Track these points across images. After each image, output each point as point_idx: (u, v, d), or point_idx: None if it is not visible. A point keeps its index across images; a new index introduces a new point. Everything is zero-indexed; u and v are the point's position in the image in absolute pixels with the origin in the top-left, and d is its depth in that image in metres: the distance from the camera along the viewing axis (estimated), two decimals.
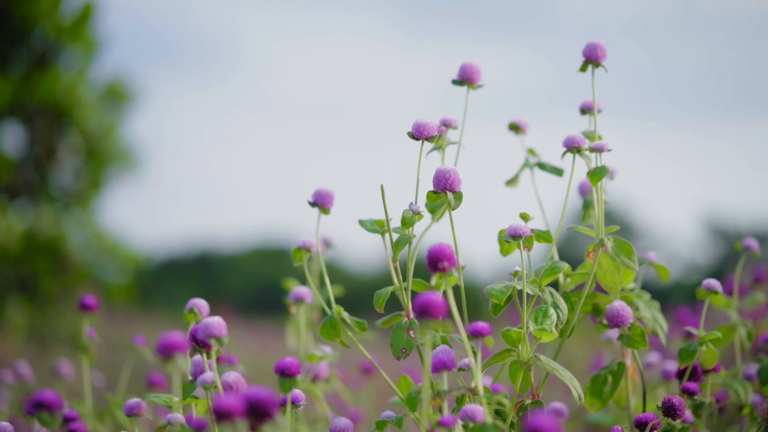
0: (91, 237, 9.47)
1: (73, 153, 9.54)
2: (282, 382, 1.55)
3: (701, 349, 1.81)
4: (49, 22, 9.10)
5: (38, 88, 9.01)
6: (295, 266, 1.84)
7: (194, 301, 1.81)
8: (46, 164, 9.43)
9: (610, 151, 1.73)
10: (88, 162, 9.53)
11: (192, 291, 17.26)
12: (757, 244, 2.07)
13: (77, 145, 9.50)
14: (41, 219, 9.03)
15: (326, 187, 1.80)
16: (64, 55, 9.30)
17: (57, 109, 9.15)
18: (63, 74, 9.22)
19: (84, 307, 2.17)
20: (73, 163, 9.60)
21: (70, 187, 9.58)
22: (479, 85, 1.85)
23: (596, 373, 1.88)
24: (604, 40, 1.81)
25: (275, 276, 18.71)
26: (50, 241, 8.84)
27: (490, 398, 1.50)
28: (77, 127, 9.34)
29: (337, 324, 1.77)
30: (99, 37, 9.41)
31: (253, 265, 20.26)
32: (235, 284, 19.18)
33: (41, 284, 8.74)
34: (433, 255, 1.46)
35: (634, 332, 1.75)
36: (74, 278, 8.97)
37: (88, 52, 9.32)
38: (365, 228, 1.78)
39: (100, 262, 9.75)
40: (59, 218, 9.25)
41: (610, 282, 1.82)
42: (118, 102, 9.75)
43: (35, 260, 8.73)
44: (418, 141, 1.70)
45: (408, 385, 1.82)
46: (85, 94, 9.34)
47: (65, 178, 9.62)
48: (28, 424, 2.62)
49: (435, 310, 1.35)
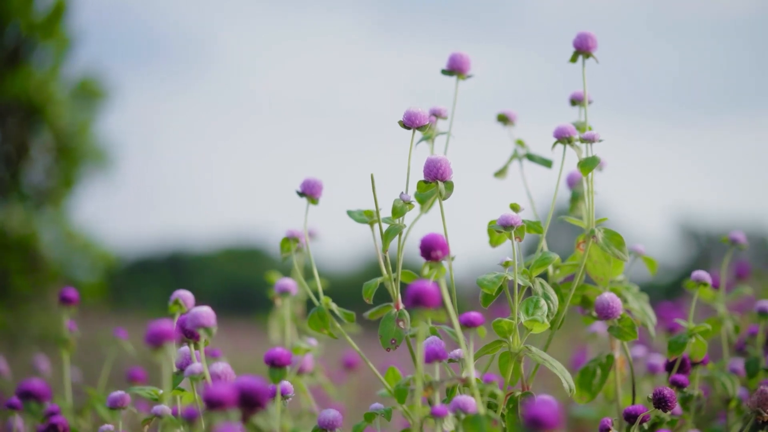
0: (63, 235, 9.40)
1: (45, 151, 9.46)
2: (272, 372, 1.53)
3: (690, 341, 1.80)
4: (21, 18, 9.02)
5: (10, 86, 8.92)
6: (282, 257, 1.82)
7: (179, 292, 1.79)
8: (17, 162, 9.34)
9: (600, 142, 1.72)
10: (60, 160, 9.45)
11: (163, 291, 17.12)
12: (744, 237, 2.06)
13: (50, 143, 9.42)
14: (12, 217, 8.96)
15: (315, 177, 1.78)
16: (36, 52, 9.22)
17: (29, 107, 9.06)
18: (35, 71, 9.14)
19: (65, 300, 2.14)
20: (45, 161, 9.52)
21: (42, 185, 9.50)
22: (469, 75, 1.83)
23: (585, 366, 1.87)
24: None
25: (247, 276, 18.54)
26: (22, 239, 8.77)
27: (482, 389, 1.49)
28: (50, 125, 9.26)
29: (326, 315, 1.76)
30: (72, 33, 9.33)
31: (224, 265, 20.18)
32: (206, 284, 19.08)
33: (13, 283, 8.66)
34: (427, 244, 1.44)
35: (624, 324, 1.74)
36: (46, 277, 8.90)
37: (61, 49, 9.24)
38: (354, 218, 1.76)
39: (72, 261, 9.67)
40: (31, 216, 9.17)
41: (600, 273, 1.81)
42: (91, 100, 9.68)
43: (7, 258, 8.65)
44: (408, 130, 1.69)
45: (396, 377, 1.81)
46: (58, 92, 9.26)
47: (37, 176, 9.53)
48: (5, 421, 2.59)
49: (429, 298, 1.33)
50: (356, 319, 1.83)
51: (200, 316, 1.49)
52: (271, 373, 1.53)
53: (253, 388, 1.27)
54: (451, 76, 1.83)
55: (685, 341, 1.80)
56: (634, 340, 1.76)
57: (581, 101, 1.86)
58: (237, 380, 1.27)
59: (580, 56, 1.81)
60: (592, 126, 1.81)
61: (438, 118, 1.79)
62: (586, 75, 1.80)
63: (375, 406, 1.73)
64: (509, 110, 1.97)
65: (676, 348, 1.81)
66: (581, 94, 1.86)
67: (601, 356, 1.87)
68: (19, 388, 1.35)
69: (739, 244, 2.05)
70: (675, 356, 1.82)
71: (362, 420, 1.73)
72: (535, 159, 1.96)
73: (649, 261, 1.96)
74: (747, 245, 2.06)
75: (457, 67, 1.82)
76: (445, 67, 1.83)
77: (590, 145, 1.72)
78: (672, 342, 1.81)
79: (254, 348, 5.90)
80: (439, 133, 1.82)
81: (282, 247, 1.81)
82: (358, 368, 2.70)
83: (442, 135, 1.85)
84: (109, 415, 2.07)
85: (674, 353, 1.81)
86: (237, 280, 18.08)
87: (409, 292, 1.33)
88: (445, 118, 1.80)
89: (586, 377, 1.86)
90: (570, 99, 1.88)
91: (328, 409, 1.64)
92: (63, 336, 2.16)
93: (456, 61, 1.83)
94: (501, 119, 1.97)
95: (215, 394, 1.23)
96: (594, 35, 1.80)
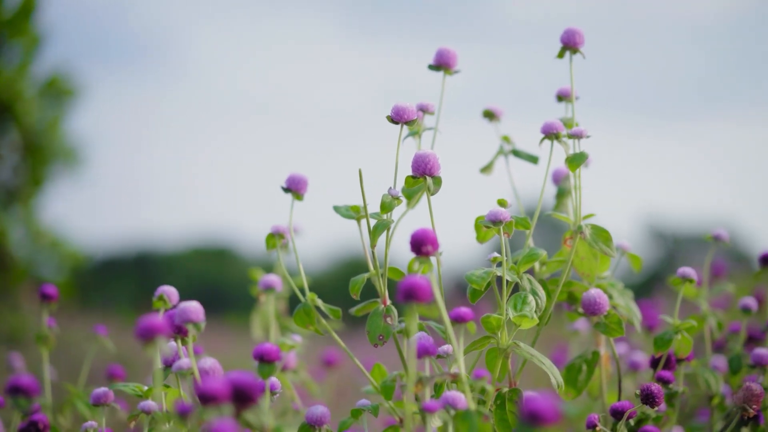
0: (31, 234, 9.32)
1: (13, 149, 9.38)
2: (261, 367, 1.51)
3: (676, 337, 1.81)
4: None
5: None
6: (267, 252, 1.80)
7: (164, 288, 1.77)
8: None
9: (588, 138, 1.72)
10: (28, 158, 9.37)
11: (131, 290, 17.08)
12: (726, 234, 2.07)
13: (18, 141, 9.34)
14: None
15: (299, 173, 1.77)
16: (5, 50, 9.14)
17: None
18: (3, 69, 9.06)
19: (45, 297, 2.12)
20: (13, 159, 9.43)
21: (10, 184, 9.42)
22: (456, 71, 1.83)
23: (571, 362, 1.87)
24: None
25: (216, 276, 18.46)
26: None
27: (473, 385, 1.48)
28: (18, 123, 9.18)
29: (312, 311, 1.75)
30: (41, 31, 9.25)
31: (193, 265, 20.09)
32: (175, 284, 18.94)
33: None
34: (418, 239, 1.43)
35: (610, 320, 1.74)
36: (14, 276, 8.82)
37: (30, 46, 9.15)
38: (341, 214, 1.75)
39: (40, 259, 9.60)
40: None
41: (587, 269, 1.81)
42: (60, 98, 9.60)
43: None
44: (396, 125, 1.68)
45: (382, 373, 1.80)
46: (26, 89, 9.18)
47: (5, 174, 9.45)
48: None
49: (422, 293, 1.33)
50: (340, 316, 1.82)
51: (189, 311, 1.48)
52: (260, 368, 1.51)
53: (246, 383, 1.26)
54: (438, 71, 1.83)
55: (671, 338, 1.80)
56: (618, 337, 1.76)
57: (568, 97, 1.86)
58: (228, 375, 1.26)
59: (567, 52, 1.80)
60: (578, 122, 1.80)
61: (425, 113, 1.78)
62: (573, 71, 1.80)
63: (362, 403, 1.72)
64: (495, 106, 1.96)
65: (662, 344, 1.81)
66: (568, 90, 1.86)
67: (586, 352, 1.87)
68: (9, 384, 1.33)
69: (722, 241, 2.06)
70: (661, 352, 1.83)
71: (342, 418, 1.72)
72: (521, 155, 1.95)
73: (634, 258, 1.96)
74: (729, 243, 2.07)
75: (444, 62, 1.82)
76: (432, 62, 1.83)
77: (578, 141, 1.72)
78: (658, 338, 1.81)
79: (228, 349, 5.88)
80: (426, 129, 1.81)
81: (267, 243, 1.79)
82: (336, 367, 2.68)
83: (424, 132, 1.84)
84: (90, 412, 2.05)
85: (660, 349, 1.81)
86: (206, 279, 17.99)
87: (401, 287, 1.32)
88: (432, 113, 1.79)
89: (572, 374, 1.85)
90: (556, 95, 1.88)
91: (316, 406, 1.63)
92: (42, 332, 2.14)
93: (443, 55, 1.82)
94: (487, 115, 1.97)
95: (209, 389, 1.21)
96: (581, 31, 1.80)
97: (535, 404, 1.13)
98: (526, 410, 1.13)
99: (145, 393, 1.71)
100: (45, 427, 1.86)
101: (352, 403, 1.80)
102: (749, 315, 2.05)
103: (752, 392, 1.70)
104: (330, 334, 1.77)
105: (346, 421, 1.73)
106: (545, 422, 1.12)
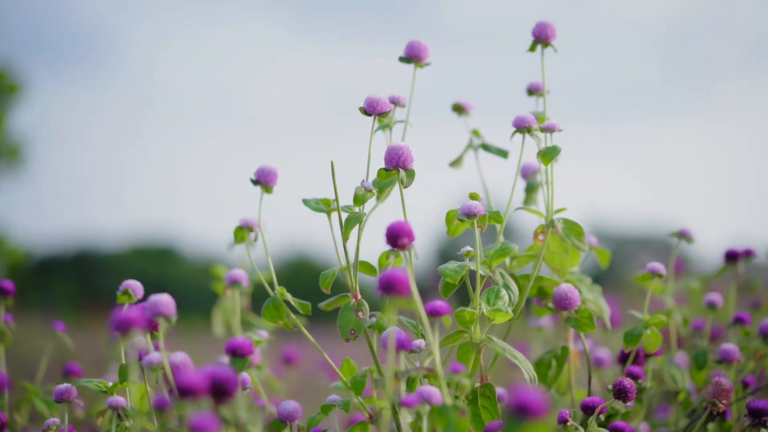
0: None
1: None
2: (233, 362, 1.48)
3: (646, 332, 1.80)
4: None
5: None
6: (235, 245, 1.77)
7: (128, 282, 1.74)
8: None
9: (560, 132, 1.71)
10: None
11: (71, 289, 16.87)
12: (690, 231, 2.07)
13: None
14: None
15: (270, 165, 1.74)
16: None
17: None
18: None
19: (1, 292, 2.08)
20: None
21: None
22: (426, 63, 1.81)
23: (540, 357, 1.86)
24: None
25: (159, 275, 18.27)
26: None
27: (450, 379, 1.47)
28: None
29: (281, 306, 1.72)
30: None
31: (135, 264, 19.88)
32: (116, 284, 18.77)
33: None
34: (394, 231, 1.42)
35: (581, 315, 1.74)
36: None
37: None
38: (310, 207, 1.73)
39: None
40: None
41: (558, 264, 1.80)
42: (2, 94, 9.46)
43: None
44: (369, 117, 1.66)
45: (351, 369, 1.78)
46: None
47: None
48: None
49: (401, 286, 1.31)
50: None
51: (160, 304, 1.44)
52: (232, 363, 1.48)
53: (225, 376, 1.23)
54: (408, 64, 1.81)
55: (641, 333, 1.80)
56: (584, 333, 1.76)
57: (539, 91, 1.85)
58: (205, 369, 1.23)
59: (539, 45, 1.80)
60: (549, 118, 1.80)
61: (396, 105, 1.76)
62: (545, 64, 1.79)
63: (332, 398, 1.70)
64: (464, 100, 1.95)
65: (631, 339, 1.80)
66: (538, 83, 1.85)
67: (555, 348, 1.87)
68: None
69: (687, 237, 2.06)
70: (630, 348, 1.82)
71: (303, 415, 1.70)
72: (490, 149, 1.94)
73: (601, 253, 1.96)
74: (693, 239, 2.07)
75: (415, 54, 1.80)
76: (402, 55, 1.81)
77: (550, 134, 1.71)
78: (628, 334, 1.81)
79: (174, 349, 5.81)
80: (396, 122, 1.80)
81: (235, 236, 1.76)
82: (296, 364, 2.65)
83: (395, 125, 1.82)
84: (48, 410, 2.01)
85: (630, 345, 1.81)
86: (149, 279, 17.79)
87: (380, 280, 1.30)
88: (403, 105, 1.77)
89: (542, 369, 1.85)
90: (527, 88, 1.87)
91: (287, 401, 1.61)
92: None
93: (414, 48, 1.80)
94: (456, 109, 1.95)
95: (188, 381, 1.19)
96: (553, 24, 1.79)
97: (524, 397, 1.11)
98: (515, 403, 1.11)
99: (110, 389, 1.68)
100: (3, 425, 1.82)
101: (312, 401, 1.78)
102: (714, 311, 2.06)
103: (722, 387, 1.70)
104: (299, 328, 1.75)
105: (315, 417, 1.70)
106: (534, 415, 1.11)
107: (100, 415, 1.57)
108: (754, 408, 1.60)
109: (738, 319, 2.03)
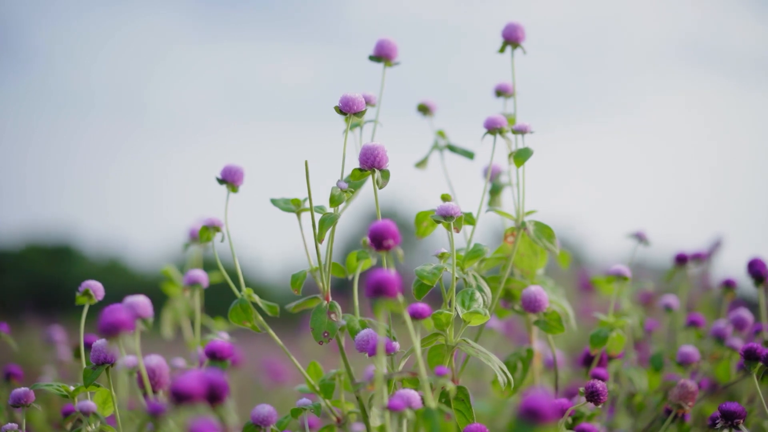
0: None
1: None
2: (213, 365, 1.45)
3: (612, 335, 1.81)
4: None
5: None
6: (201, 244, 1.73)
7: (89, 282, 1.69)
8: None
9: (532, 133, 1.70)
10: None
11: None
12: (646, 234, 2.09)
13: None
14: None
15: (236, 164, 1.71)
16: None
17: None
18: None
19: None
20: None
21: None
22: (396, 62, 1.79)
23: (506, 359, 1.85)
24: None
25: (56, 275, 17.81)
26: None
27: (434, 382, 1.45)
28: None
29: (249, 308, 1.68)
30: None
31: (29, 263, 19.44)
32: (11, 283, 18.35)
33: None
34: (378, 232, 1.39)
35: (550, 317, 1.73)
36: None
37: None
38: (279, 207, 1.70)
39: None
40: None
41: (527, 266, 1.79)
42: None
43: None
44: (344, 116, 1.63)
45: (318, 372, 1.75)
46: None
47: None
48: None
49: (390, 288, 1.29)
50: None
51: (137, 306, 1.40)
52: (212, 365, 1.45)
53: (219, 381, 1.20)
54: (378, 63, 1.79)
55: (607, 335, 1.80)
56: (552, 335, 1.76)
57: (507, 93, 1.85)
58: (201, 373, 1.20)
59: (509, 47, 1.79)
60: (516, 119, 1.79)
61: (367, 105, 1.74)
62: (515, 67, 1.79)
63: (303, 402, 1.67)
64: (429, 100, 1.93)
65: (597, 342, 1.81)
66: (507, 85, 1.84)
67: (521, 350, 1.86)
68: None
69: (644, 240, 2.07)
70: (597, 350, 1.82)
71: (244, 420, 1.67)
72: (456, 150, 1.93)
73: (563, 255, 1.96)
74: (651, 243, 2.09)
75: (384, 53, 1.78)
76: (372, 53, 1.78)
77: (522, 136, 1.70)
78: (594, 336, 1.81)
79: None
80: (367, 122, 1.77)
81: (201, 236, 1.72)
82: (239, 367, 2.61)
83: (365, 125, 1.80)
84: None
85: (596, 347, 1.81)
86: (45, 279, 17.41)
87: (369, 282, 1.28)
88: (373, 105, 1.75)
89: (508, 371, 1.83)
90: (495, 90, 1.86)
91: (262, 405, 1.57)
92: None
93: (384, 47, 1.78)
94: (421, 109, 1.94)
95: (185, 387, 1.15)
96: (522, 26, 1.79)
97: (535, 401, 1.10)
98: (525, 407, 1.10)
99: (72, 393, 1.63)
100: None
101: (255, 404, 1.75)
102: (670, 313, 2.08)
103: (688, 390, 1.71)
104: (267, 331, 1.71)
105: (283, 420, 1.67)
106: (544, 419, 1.09)
107: (70, 421, 1.52)
108: (726, 410, 1.61)
109: (692, 322, 2.05)
